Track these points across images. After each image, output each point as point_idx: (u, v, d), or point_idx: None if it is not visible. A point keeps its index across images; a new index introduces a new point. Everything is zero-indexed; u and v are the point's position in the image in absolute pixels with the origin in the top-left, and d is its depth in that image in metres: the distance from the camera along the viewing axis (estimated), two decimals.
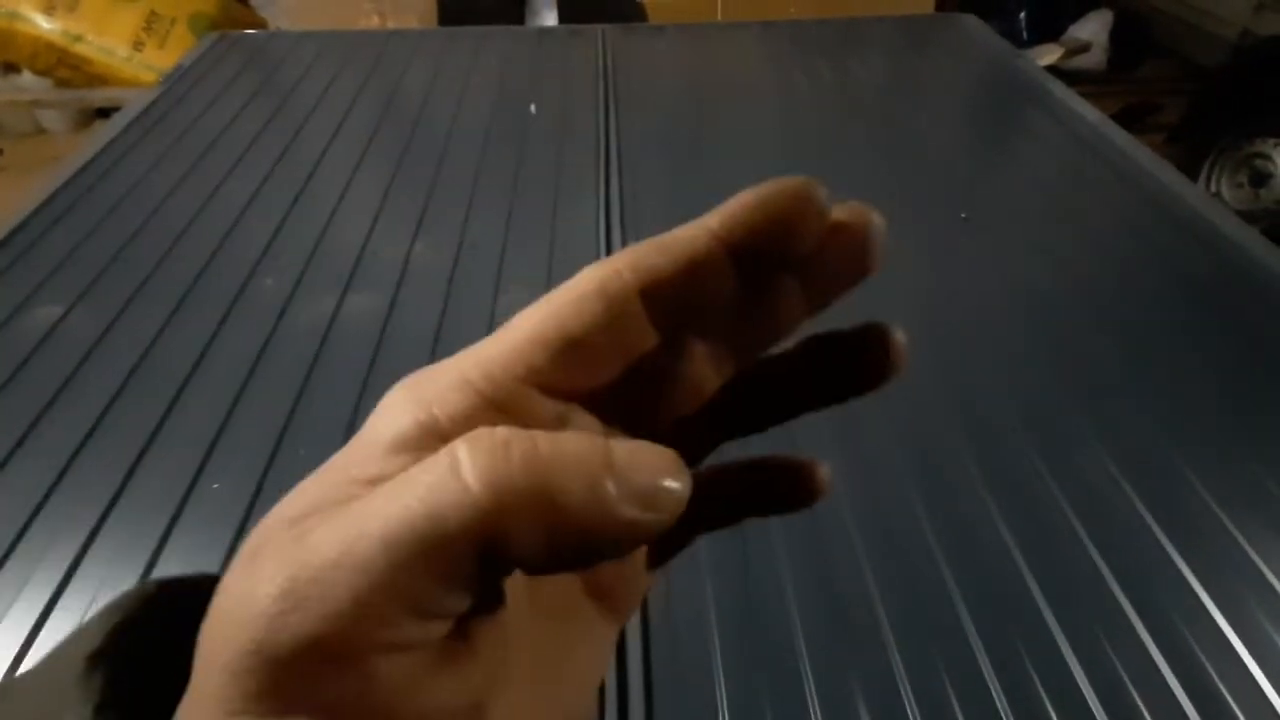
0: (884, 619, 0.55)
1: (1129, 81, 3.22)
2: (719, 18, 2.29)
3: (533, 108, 1.28)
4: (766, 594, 0.57)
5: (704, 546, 0.60)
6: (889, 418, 0.71)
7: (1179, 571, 0.59)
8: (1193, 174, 2.29)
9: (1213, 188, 2.27)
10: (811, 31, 1.60)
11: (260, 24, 2.96)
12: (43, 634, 0.55)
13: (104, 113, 2.72)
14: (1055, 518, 0.63)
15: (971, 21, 1.62)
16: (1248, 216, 2.19)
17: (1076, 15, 3.31)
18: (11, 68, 2.76)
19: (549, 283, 0.90)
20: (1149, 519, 0.62)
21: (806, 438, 0.68)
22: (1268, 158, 2.16)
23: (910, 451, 0.68)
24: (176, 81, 1.35)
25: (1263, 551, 0.60)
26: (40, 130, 2.93)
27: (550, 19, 2.78)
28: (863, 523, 0.62)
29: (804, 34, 1.58)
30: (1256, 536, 0.61)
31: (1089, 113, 1.22)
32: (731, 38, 1.60)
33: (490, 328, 0.83)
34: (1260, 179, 2.18)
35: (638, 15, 2.27)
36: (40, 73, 2.72)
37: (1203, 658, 0.54)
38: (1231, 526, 0.62)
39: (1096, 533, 0.61)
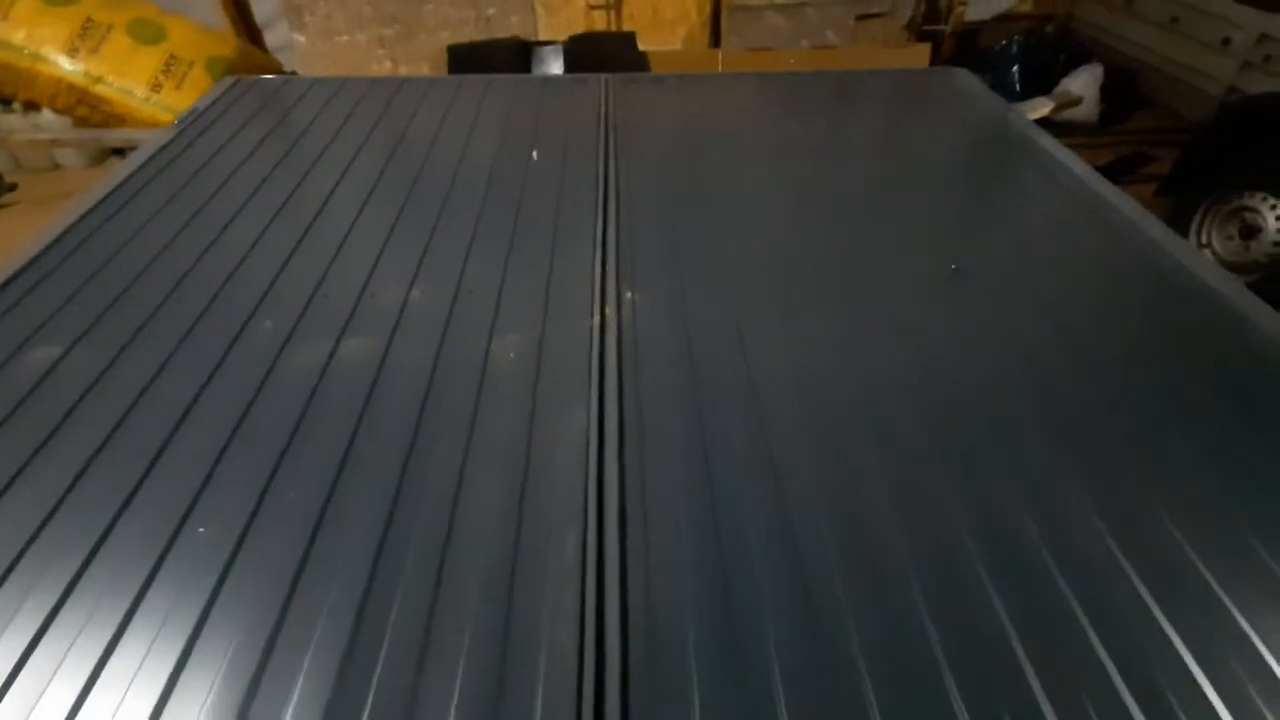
0: (868, 681, 0.55)
1: (1120, 133, 3.30)
2: (719, 69, 2.36)
3: (534, 154, 1.32)
4: (748, 623, 0.56)
5: (688, 578, 0.60)
6: (884, 471, 0.71)
7: (1168, 637, 0.58)
8: (1184, 225, 2.32)
9: (1203, 239, 2.31)
10: (808, 83, 1.65)
11: (276, 68, 3.06)
12: (35, 656, 0.55)
13: (121, 150, 2.79)
14: (1043, 573, 0.62)
15: (965, 75, 1.67)
16: (1239, 268, 2.22)
17: (1068, 69, 3.42)
18: (31, 105, 2.84)
19: (543, 327, 0.91)
20: (1136, 580, 0.62)
21: (800, 507, 0.69)
22: (1256, 211, 2.20)
23: (902, 509, 0.68)
24: (190, 123, 1.39)
25: (1249, 614, 0.60)
26: (56, 166, 3.00)
27: (556, 68, 2.87)
28: (849, 571, 0.62)
29: (800, 86, 1.63)
30: (1242, 597, 0.61)
31: (1076, 165, 1.25)
32: (730, 88, 1.65)
33: (484, 373, 0.81)
34: (1250, 232, 2.22)
35: (641, 66, 2.35)
36: (60, 111, 2.80)
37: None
38: (1221, 592, 0.61)
39: (1084, 593, 0.61)
